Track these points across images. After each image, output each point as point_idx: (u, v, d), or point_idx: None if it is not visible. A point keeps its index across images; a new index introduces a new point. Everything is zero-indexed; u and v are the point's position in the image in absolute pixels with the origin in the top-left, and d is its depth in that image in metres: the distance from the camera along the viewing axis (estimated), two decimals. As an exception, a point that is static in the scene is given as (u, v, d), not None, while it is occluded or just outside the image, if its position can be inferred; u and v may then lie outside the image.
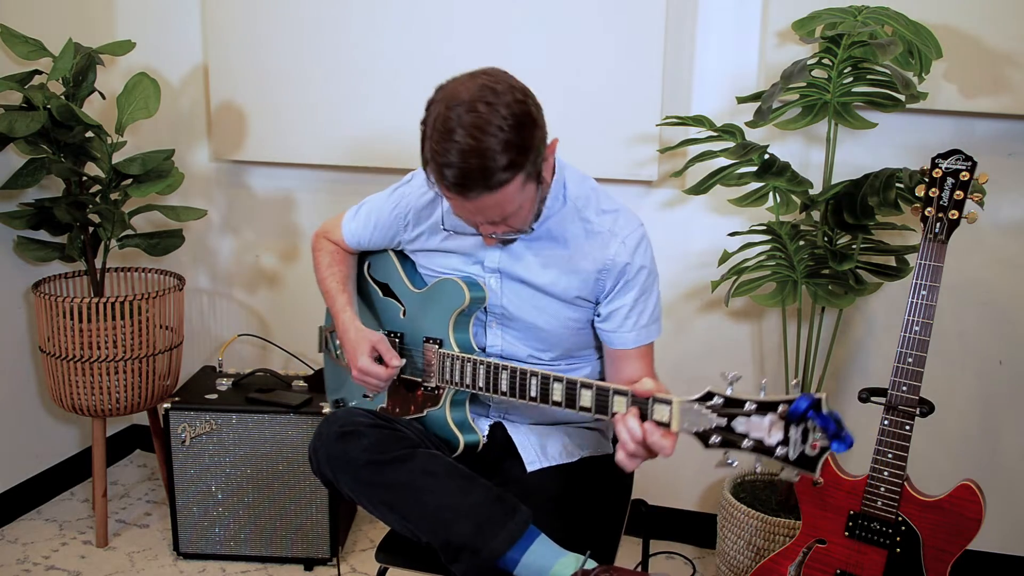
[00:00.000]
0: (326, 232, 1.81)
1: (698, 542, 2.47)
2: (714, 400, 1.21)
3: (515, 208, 1.38)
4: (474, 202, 1.34)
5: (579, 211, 1.54)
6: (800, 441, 1.14)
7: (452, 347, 1.57)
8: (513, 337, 1.61)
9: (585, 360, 1.66)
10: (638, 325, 1.55)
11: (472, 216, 1.40)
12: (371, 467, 1.44)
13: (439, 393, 1.60)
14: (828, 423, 1.11)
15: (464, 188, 1.32)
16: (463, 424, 1.61)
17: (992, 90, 2.00)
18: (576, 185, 1.56)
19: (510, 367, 1.47)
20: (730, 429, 1.20)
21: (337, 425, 1.50)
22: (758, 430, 1.17)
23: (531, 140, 1.34)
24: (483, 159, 1.29)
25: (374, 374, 1.59)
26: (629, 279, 1.53)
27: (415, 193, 1.65)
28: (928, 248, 1.59)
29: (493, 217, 1.39)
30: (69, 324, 2.24)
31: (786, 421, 1.14)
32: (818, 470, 1.14)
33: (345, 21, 2.38)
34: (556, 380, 1.41)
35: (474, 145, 1.29)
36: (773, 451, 1.16)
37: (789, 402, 1.14)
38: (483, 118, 1.30)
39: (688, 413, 1.24)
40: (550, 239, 1.54)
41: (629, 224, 1.54)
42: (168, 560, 2.33)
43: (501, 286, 1.58)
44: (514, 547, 1.37)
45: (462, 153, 1.29)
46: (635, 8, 2.16)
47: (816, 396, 1.12)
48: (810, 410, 1.11)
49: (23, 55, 2.21)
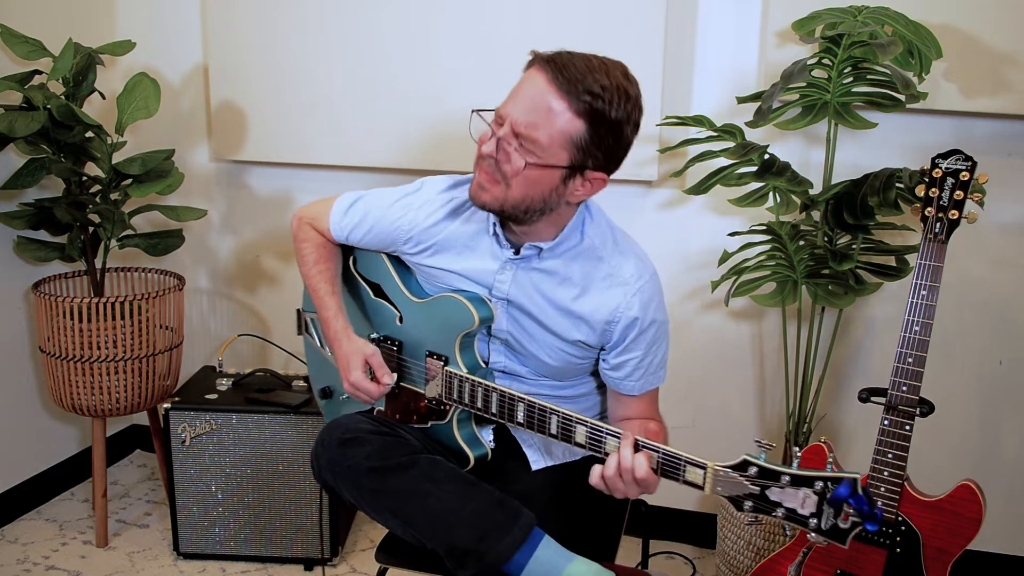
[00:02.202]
0: (312, 219, 1.71)
1: (698, 542, 2.47)
2: (749, 470, 1.22)
3: (537, 132, 1.32)
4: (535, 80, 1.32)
5: (595, 250, 1.51)
6: (832, 516, 1.16)
7: (460, 367, 1.53)
8: (516, 360, 1.60)
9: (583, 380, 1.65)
10: (646, 374, 1.54)
11: (510, 101, 1.35)
12: (373, 474, 1.43)
13: (445, 409, 1.57)
14: (863, 505, 1.13)
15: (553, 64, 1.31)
16: (471, 440, 1.58)
17: (992, 90, 2.00)
18: (595, 227, 1.52)
19: (527, 400, 1.43)
20: (764, 498, 1.21)
21: (339, 432, 1.49)
22: (792, 500, 1.18)
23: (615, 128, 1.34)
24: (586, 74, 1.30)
25: (365, 390, 1.57)
26: (639, 334, 1.50)
27: (424, 210, 1.58)
28: (928, 248, 1.59)
29: (521, 115, 1.33)
30: (69, 324, 2.24)
31: (820, 499, 1.16)
32: (847, 542, 1.16)
33: (345, 21, 2.38)
34: (580, 423, 1.38)
35: (591, 62, 1.32)
36: (806, 522, 1.18)
37: (824, 479, 1.15)
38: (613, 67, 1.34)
39: (721, 480, 1.24)
40: (562, 276, 1.50)
41: (644, 273, 1.51)
42: (168, 560, 2.33)
43: (507, 315, 1.55)
44: (519, 551, 1.36)
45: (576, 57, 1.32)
46: (635, 8, 2.16)
47: (852, 478, 1.13)
48: (850, 496, 1.13)
49: (23, 55, 2.21)
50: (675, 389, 2.39)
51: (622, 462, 1.30)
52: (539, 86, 1.32)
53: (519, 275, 1.52)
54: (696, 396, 2.38)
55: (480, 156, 1.40)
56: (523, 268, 1.51)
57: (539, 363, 1.57)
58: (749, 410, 2.36)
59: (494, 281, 1.53)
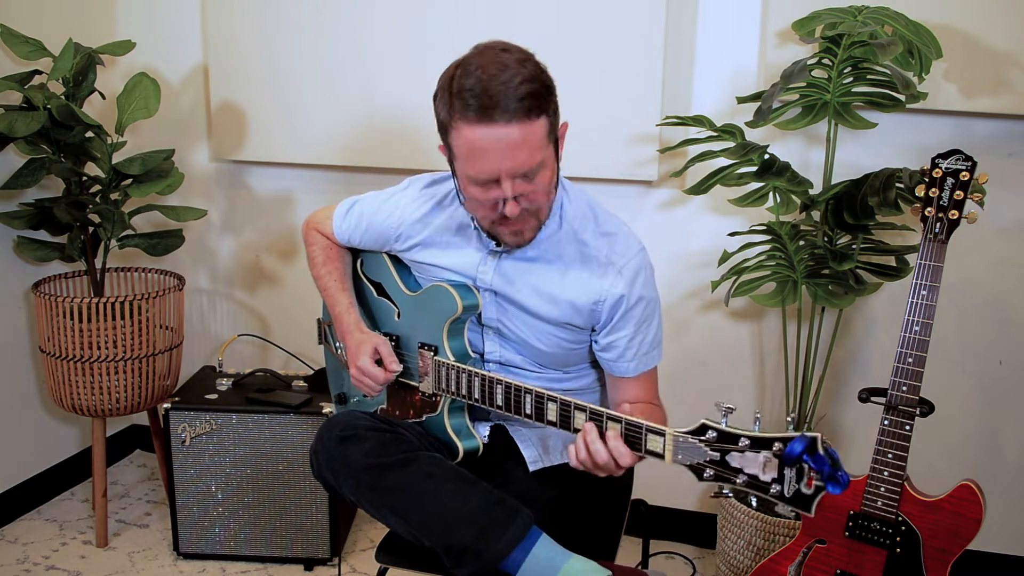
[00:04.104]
0: (317, 224, 1.78)
1: (698, 542, 2.47)
2: (708, 434, 1.19)
3: (541, 160, 1.34)
4: (501, 132, 1.29)
5: (576, 233, 1.51)
6: (795, 479, 1.11)
7: (447, 355, 1.56)
8: (510, 348, 1.61)
9: (584, 372, 1.65)
10: (638, 354, 1.54)
11: (498, 162, 1.33)
12: (372, 471, 1.44)
13: (436, 400, 1.59)
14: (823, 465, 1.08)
15: (488, 109, 1.28)
16: (461, 431, 1.59)
17: (992, 90, 2.00)
18: (573, 205, 1.53)
19: (505, 382, 1.45)
20: (724, 464, 1.17)
21: (338, 429, 1.49)
22: (752, 466, 1.15)
23: (551, 85, 1.35)
24: (506, 85, 1.29)
25: (371, 375, 1.58)
26: (626, 311, 1.50)
27: (410, 207, 1.62)
28: (928, 248, 1.59)
29: (519, 164, 1.33)
30: (69, 324, 2.24)
31: (780, 461, 1.12)
32: (813, 509, 1.11)
33: (345, 21, 2.38)
34: (551, 400, 1.39)
35: (495, 74, 1.30)
36: (768, 488, 1.13)
37: (783, 440, 1.11)
38: (501, 58, 1.32)
39: (682, 446, 1.22)
40: (545, 262, 1.52)
41: (628, 250, 1.51)
42: (168, 560, 2.33)
43: (496, 305, 1.57)
44: (517, 549, 1.36)
45: (484, 81, 1.29)
46: (635, 8, 2.16)
47: (811, 436, 1.09)
48: (805, 453, 1.08)
49: (23, 55, 2.21)
50: (675, 389, 2.39)
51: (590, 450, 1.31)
52: (497, 134, 1.31)
53: (502, 265, 1.54)
54: (696, 396, 2.38)
55: (504, 217, 1.40)
56: (505, 258, 1.54)
57: (532, 350, 1.58)
58: (749, 410, 2.36)
59: (477, 273, 1.56)
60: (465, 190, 1.42)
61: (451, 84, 1.32)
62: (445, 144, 1.41)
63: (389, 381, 1.60)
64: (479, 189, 1.38)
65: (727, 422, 1.19)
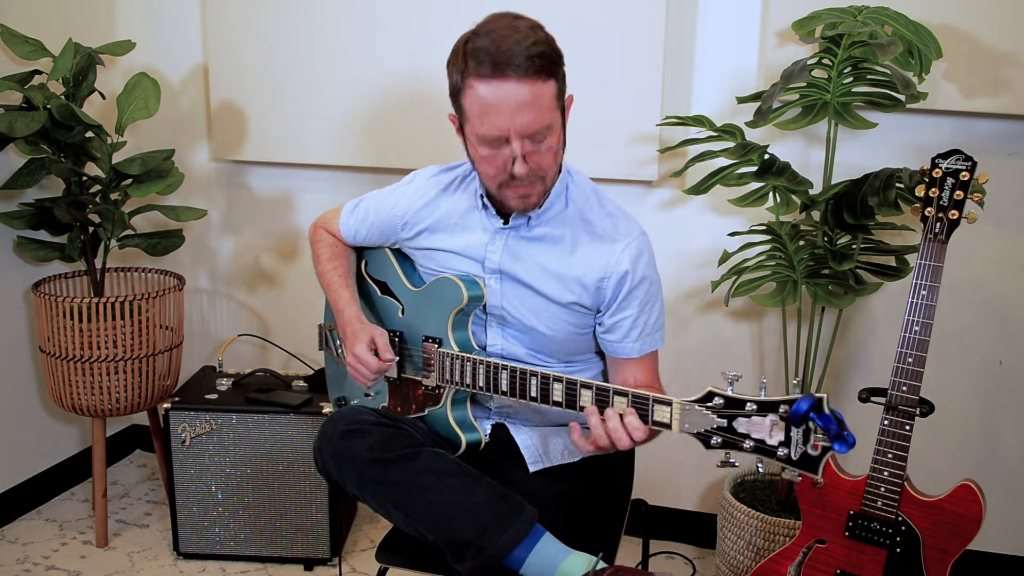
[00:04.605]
0: (324, 223, 1.82)
1: (698, 542, 2.47)
2: (714, 401, 1.21)
3: (549, 123, 1.39)
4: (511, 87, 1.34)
5: (581, 212, 1.55)
6: (802, 442, 1.13)
7: (451, 346, 1.57)
8: (513, 338, 1.61)
9: (586, 363, 1.66)
10: (642, 334, 1.56)
11: (508, 118, 1.36)
12: (376, 465, 1.44)
13: (440, 392, 1.60)
14: (830, 423, 1.10)
15: (500, 66, 1.34)
16: (464, 423, 1.61)
17: (992, 90, 2.00)
18: (578, 188, 1.57)
19: (510, 367, 1.47)
20: (731, 430, 1.19)
21: (342, 423, 1.49)
22: (759, 431, 1.17)
23: (560, 52, 1.41)
24: (517, 44, 1.34)
25: (366, 363, 1.58)
26: (630, 290, 1.52)
27: (416, 194, 1.66)
28: (928, 248, 1.59)
29: (529, 123, 1.37)
30: (69, 324, 2.24)
31: (787, 422, 1.13)
32: (820, 470, 1.13)
33: (346, 20, 2.38)
34: (556, 380, 1.40)
35: (508, 35, 1.35)
36: (775, 452, 1.16)
37: (790, 403, 1.13)
38: (514, 23, 1.39)
39: (688, 414, 1.24)
40: (552, 241, 1.54)
41: (630, 231, 1.55)
42: (168, 560, 2.33)
43: (501, 287, 1.58)
44: (520, 545, 1.37)
45: (496, 41, 1.35)
46: (635, 8, 2.16)
47: (817, 396, 1.11)
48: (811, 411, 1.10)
49: (23, 55, 2.21)
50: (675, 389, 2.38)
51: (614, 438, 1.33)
52: (508, 89, 1.36)
53: (510, 243, 1.56)
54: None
55: (512, 178, 1.43)
56: (513, 237, 1.56)
57: (536, 337, 1.58)
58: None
59: (486, 252, 1.57)
60: (475, 150, 1.45)
61: (465, 46, 1.39)
62: (456, 108, 1.45)
63: (383, 370, 1.60)
64: (488, 148, 1.42)
65: (733, 389, 1.20)
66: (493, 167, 1.44)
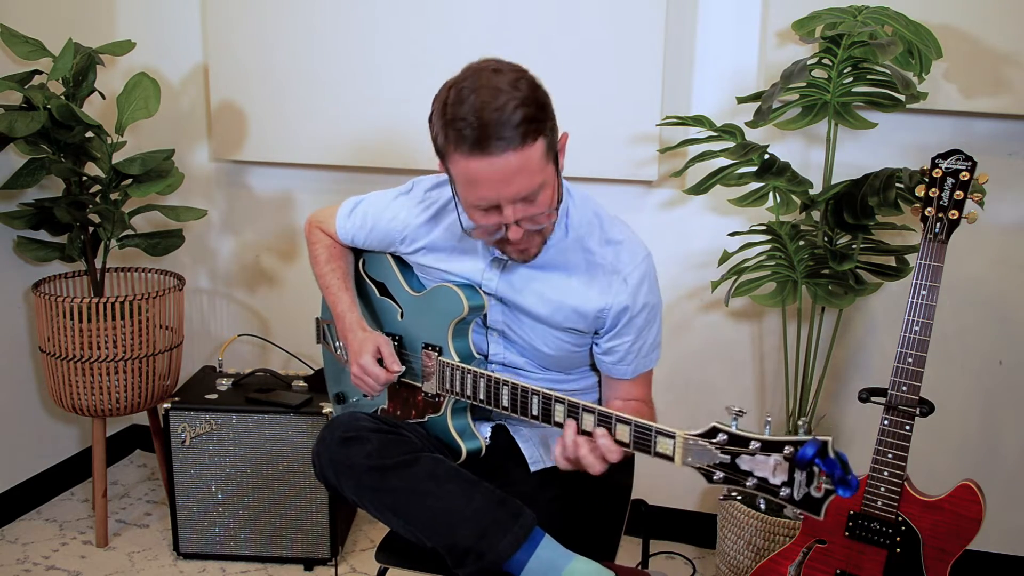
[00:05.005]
0: (320, 223, 1.78)
1: (698, 542, 2.47)
2: (718, 437, 1.20)
3: (541, 182, 1.34)
4: (498, 162, 1.28)
5: (581, 241, 1.51)
6: (805, 483, 1.12)
7: (451, 355, 1.55)
8: (514, 350, 1.61)
9: (585, 374, 1.65)
10: (638, 357, 1.55)
11: (498, 190, 1.32)
12: (374, 472, 1.43)
13: (440, 400, 1.59)
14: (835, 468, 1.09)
15: (484, 141, 1.27)
16: (465, 431, 1.59)
17: (992, 90, 2.00)
18: (579, 212, 1.52)
19: (511, 383, 1.45)
20: (734, 467, 1.17)
21: (340, 430, 1.49)
22: (762, 469, 1.15)
23: (546, 102, 1.33)
24: (501, 112, 1.26)
25: (372, 374, 1.57)
26: (630, 319, 1.51)
27: (414, 210, 1.62)
28: (928, 248, 1.59)
29: (519, 190, 1.32)
30: (69, 324, 2.24)
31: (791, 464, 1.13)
32: (823, 512, 1.12)
33: (346, 21, 2.38)
34: (558, 401, 1.38)
35: (489, 101, 1.27)
36: (778, 491, 1.13)
37: (794, 444, 1.12)
38: (494, 80, 1.29)
39: (692, 448, 1.22)
40: (550, 269, 1.52)
41: (633, 258, 1.51)
42: (168, 560, 2.33)
43: (501, 309, 1.57)
44: (520, 550, 1.36)
45: (478, 110, 1.27)
46: (635, 8, 2.16)
47: (822, 440, 1.10)
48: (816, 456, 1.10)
49: (23, 55, 2.21)
50: (674, 389, 2.39)
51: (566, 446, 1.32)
52: (494, 163, 1.29)
53: (507, 272, 1.54)
54: (696, 396, 2.38)
55: (507, 241, 1.41)
56: (511, 266, 1.54)
57: (537, 353, 1.58)
58: (749, 410, 2.36)
59: (482, 279, 1.56)
60: (467, 212, 1.41)
61: (445, 111, 1.31)
62: (444, 167, 1.40)
63: (391, 381, 1.60)
64: (481, 214, 1.38)
65: (737, 425, 1.19)
66: (486, 232, 1.41)
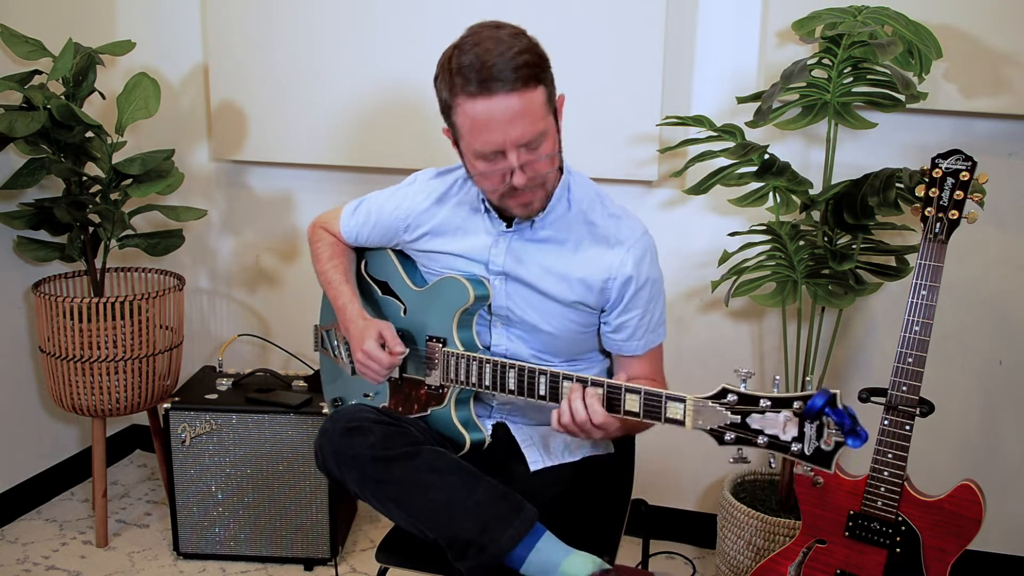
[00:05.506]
0: (324, 223, 1.81)
1: (698, 542, 2.47)
2: (728, 397, 1.22)
3: (543, 129, 1.39)
4: (501, 102, 1.34)
5: (585, 214, 1.55)
6: (815, 437, 1.15)
7: (456, 345, 1.56)
8: (517, 338, 1.61)
9: (589, 362, 1.66)
10: (646, 333, 1.58)
11: (502, 132, 1.37)
12: (377, 463, 1.44)
13: (443, 392, 1.59)
14: (844, 419, 1.12)
15: (487, 81, 1.34)
16: (468, 422, 1.60)
17: (992, 90, 2.00)
18: (580, 188, 1.57)
19: (518, 365, 1.47)
20: (744, 426, 1.20)
21: (343, 421, 1.49)
22: (773, 427, 1.18)
23: (546, 56, 1.41)
24: (501, 56, 1.34)
25: (376, 358, 1.57)
26: (636, 292, 1.53)
27: (417, 197, 1.66)
28: (928, 248, 1.59)
29: (523, 133, 1.37)
30: (69, 324, 2.24)
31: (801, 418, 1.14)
32: (833, 465, 1.15)
33: (346, 21, 2.38)
34: (566, 378, 1.41)
35: (490, 48, 1.35)
36: (788, 447, 1.17)
37: (804, 399, 1.15)
38: (495, 34, 1.38)
39: (702, 411, 1.24)
40: (555, 243, 1.54)
41: (634, 232, 1.55)
42: (168, 560, 2.33)
43: (505, 288, 1.58)
44: (520, 544, 1.37)
45: (480, 55, 1.34)
46: (635, 8, 2.16)
47: (831, 392, 1.13)
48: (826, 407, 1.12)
49: (23, 55, 2.21)
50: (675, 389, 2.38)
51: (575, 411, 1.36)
52: (498, 104, 1.36)
53: (514, 246, 1.56)
54: (696, 396, 2.38)
55: (513, 189, 1.44)
56: (516, 239, 1.56)
57: (541, 336, 1.58)
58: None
59: (490, 255, 1.57)
60: (472, 166, 1.45)
61: (449, 63, 1.38)
62: (449, 124, 1.45)
63: (394, 365, 1.59)
64: (485, 163, 1.42)
65: (746, 386, 1.20)
66: (491, 182, 1.44)
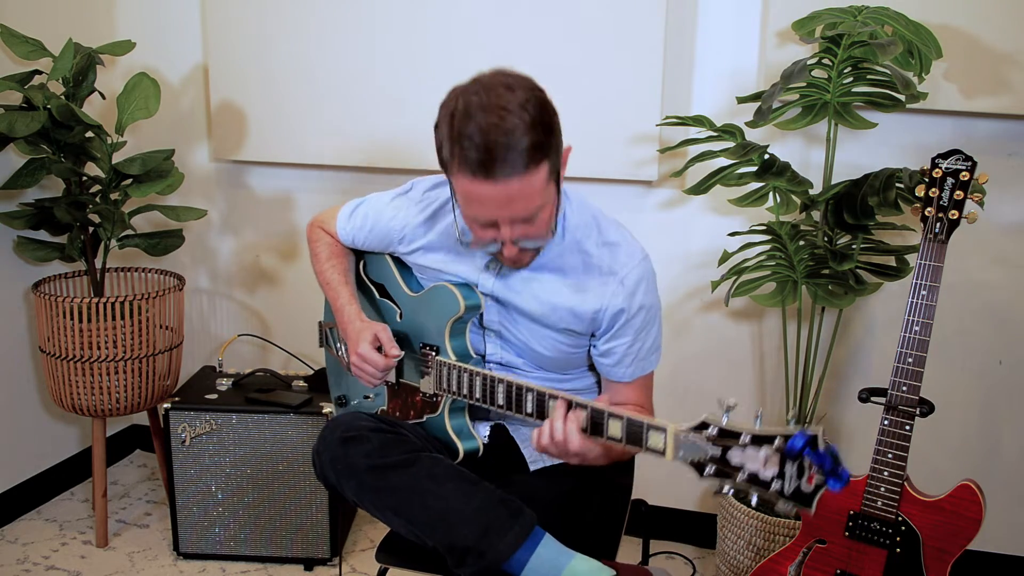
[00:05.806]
0: (322, 223, 1.80)
1: (698, 542, 2.47)
2: (709, 430, 1.20)
3: (540, 204, 1.34)
4: (501, 187, 1.28)
5: (578, 243, 1.52)
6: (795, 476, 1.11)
7: (448, 355, 1.56)
8: (511, 351, 1.61)
9: (582, 375, 1.65)
10: (636, 360, 1.55)
11: (497, 211, 1.33)
12: (375, 472, 1.43)
13: (437, 400, 1.59)
14: (824, 460, 1.08)
15: (489, 165, 1.26)
16: (462, 431, 1.59)
17: (992, 90, 2.00)
18: (576, 215, 1.52)
19: (507, 381, 1.45)
20: (725, 460, 1.17)
21: (340, 430, 1.49)
22: (753, 463, 1.14)
23: (554, 123, 1.33)
24: (508, 136, 1.25)
25: (371, 361, 1.56)
26: (627, 321, 1.51)
27: (413, 209, 1.63)
28: (928, 248, 1.59)
29: (519, 212, 1.33)
30: (69, 324, 2.24)
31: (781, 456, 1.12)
32: (814, 506, 1.11)
33: (346, 21, 2.38)
34: (552, 397, 1.38)
35: (497, 123, 1.25)
36: (768, 485, 1.12)
37: (785, 436, 1.11)
38: (504, 99, 1.27)
39: (683, 442, 1.22)
40: (548, 271, 1.52)
41: (630, 260, 1.51)
42: (168, 560, 2.33)
43: (497, 310, 1.58)
44: (520, 549, 1.36)
45: (485, 131, 1.25)
46: (635, 8, 2.16)
47: (812, 432, 1.09)
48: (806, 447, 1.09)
49: (23, 55, 2.21)
50: (674, 389, 2.39)
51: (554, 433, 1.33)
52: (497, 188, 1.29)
53: (504, 273, 1.54)
54: (696, 396, 2.38)
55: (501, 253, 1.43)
56: (507, 267, 1.54)
57: (534, 353, 1.58)
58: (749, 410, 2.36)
59: (479, 281, 1.56)
60: (463, 218, 1.43)
61: (452, 123, 1.29)
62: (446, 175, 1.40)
63: (389, 368, 1.59)
64: (479, 228, 1.40)
65: (728, 417, 1.19)
66: (482, 242, 1.42)
